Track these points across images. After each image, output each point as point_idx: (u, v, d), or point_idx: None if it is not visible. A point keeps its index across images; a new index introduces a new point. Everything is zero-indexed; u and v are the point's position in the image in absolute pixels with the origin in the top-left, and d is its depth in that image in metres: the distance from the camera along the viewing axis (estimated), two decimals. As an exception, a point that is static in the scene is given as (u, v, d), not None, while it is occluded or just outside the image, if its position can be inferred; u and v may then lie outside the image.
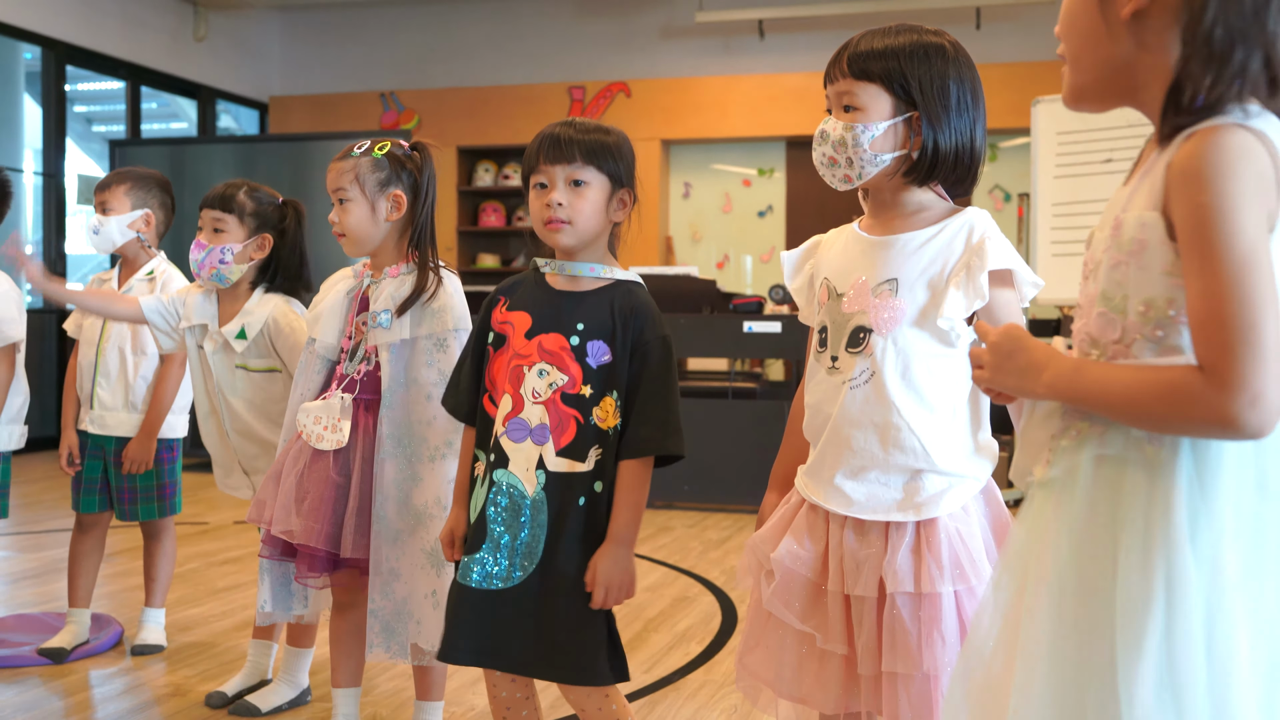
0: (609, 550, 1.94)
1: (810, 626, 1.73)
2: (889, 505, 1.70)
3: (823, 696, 1.74)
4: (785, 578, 1.75)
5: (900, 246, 1.72)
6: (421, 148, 2.51)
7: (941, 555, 1.65)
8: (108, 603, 3.86)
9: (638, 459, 1.96)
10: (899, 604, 1.65)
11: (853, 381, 1.71)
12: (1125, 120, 5.40)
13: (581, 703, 2.01)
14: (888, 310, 1.69)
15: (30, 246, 2.89)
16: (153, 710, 2.88)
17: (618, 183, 2.00)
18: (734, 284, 9.38)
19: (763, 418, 5.91)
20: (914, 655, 1.64)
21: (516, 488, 1.95)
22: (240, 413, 2.82)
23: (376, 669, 3.14)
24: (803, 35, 9.07)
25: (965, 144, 1.70)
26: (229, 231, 2.83)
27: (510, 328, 2.02)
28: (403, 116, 9.81)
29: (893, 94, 1.68)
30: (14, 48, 8.42)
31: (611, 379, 1.96)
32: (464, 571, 1.96)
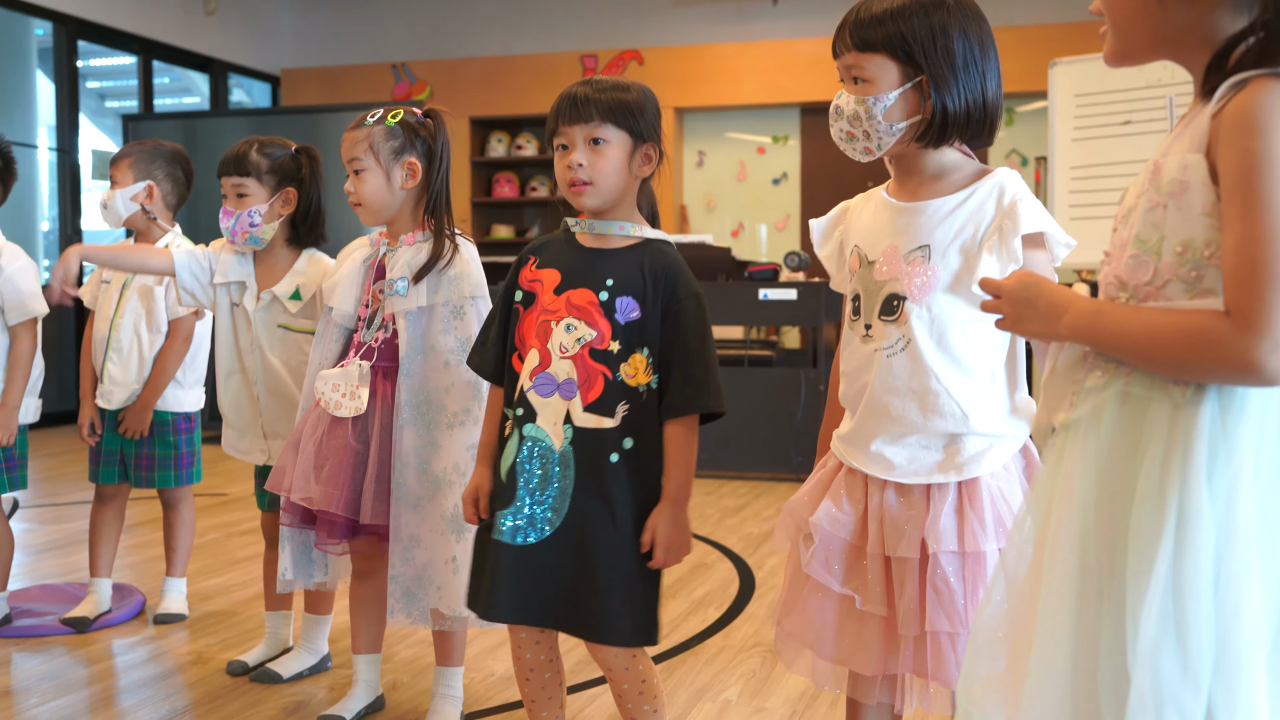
0: (665, 510, 1.93)
1: (850, 589, 1.74)
2: (930, 468, 1.70)
3: (864, 658, 1.74)
4: (825, 540, 1.75)
5: (931, 212, 1.71)
6: (434, 114, 2.50)
7: (985, 513, 1.66)
8: (129, 573, 3.88)
9: (683, 418, 1.95)
10: (943, 563, 1.65)
11: (888, 349, 1.71)
12: (1144, 81, 5.35)
13: (609, 661, 2.02)
14: (920, 277, 1.69)
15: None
16: (175, 678, 2.91)
17: (639, 138, 1.98)
18: (749, 252, 9.35)
19: (779, 385, 5.91)
20: (959, 614, 1.64)
21: (544, 442, 1.95)
22: (278, 371, 2.81)
23: (396, 635, 3.16)
24: (816, 1, 9.00)
25: (976, 99, 1.69)
26: (251, 193, 2.81)
27: (540, 285, 2.02)
28: (415, 88, 9.79)
29: (898, 61, 1.67)
30: (25, 23, 8.42)
31: (641, 336, 1.95)
32: (496, 528, 1.96)
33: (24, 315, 3.16)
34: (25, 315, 3.16)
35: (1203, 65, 1.18)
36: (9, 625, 3.25)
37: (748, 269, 6.33)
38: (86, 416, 3.31)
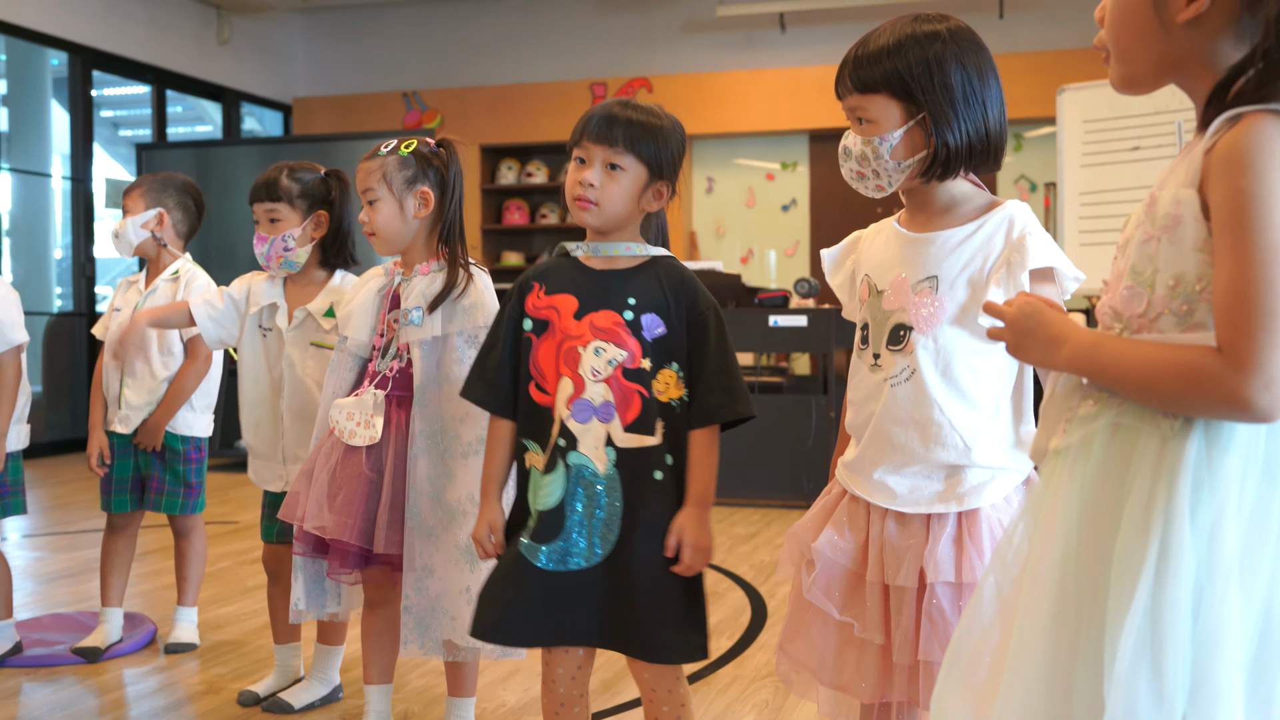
0: (690, 512, 1.94)
1: (849, 616, 1.75)
2: (930, 497, 1.71)
3: (861, 685, 1.76)
4: (825, 567, 1.77)
5: (940, 243, 1.72)
6: (447, 144, 2.52)
7: (983, 545, 1.66)
8: (140, 602, 3.88)
9: (708, 426, 1.96)
10: (939, 593, 1.66)
11: (894, 379, 1.72)
12: (1153, 107, 5.36)
13: (653, 682, 2.01)
14: (927, 308, 1.70)
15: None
16: (186, 708, 2.90)
17: (655, 174, 1.98)
18: (758, 279, 9.36)
19: (789, 412, 5.90)
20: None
21: (589, 467, 1.94)
22: (308, 390, 2.80)
23: (407, 665, 3.15)
24: (824, 28, 9.04)
25: (979, 130, 1.70)
26: (284, 218, 2.82)
27: (554, 312, 2.00)
28: (426, 116, 9.84)
29: (898, 100, 1.68)
30: (41, 54, 8.49)
31: (669, 350, 1.96)
32: (530, 553, 1.94)
33: (6, 345, 3.17)
34: (7, 345, 3.17)
35: (1207, 93, 1.19)
36: (20, 654, 3.25)
37: (758, 295, 6.33)
38: (95, 446, 3.32)
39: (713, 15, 9.22)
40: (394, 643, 2.53)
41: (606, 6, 9.57)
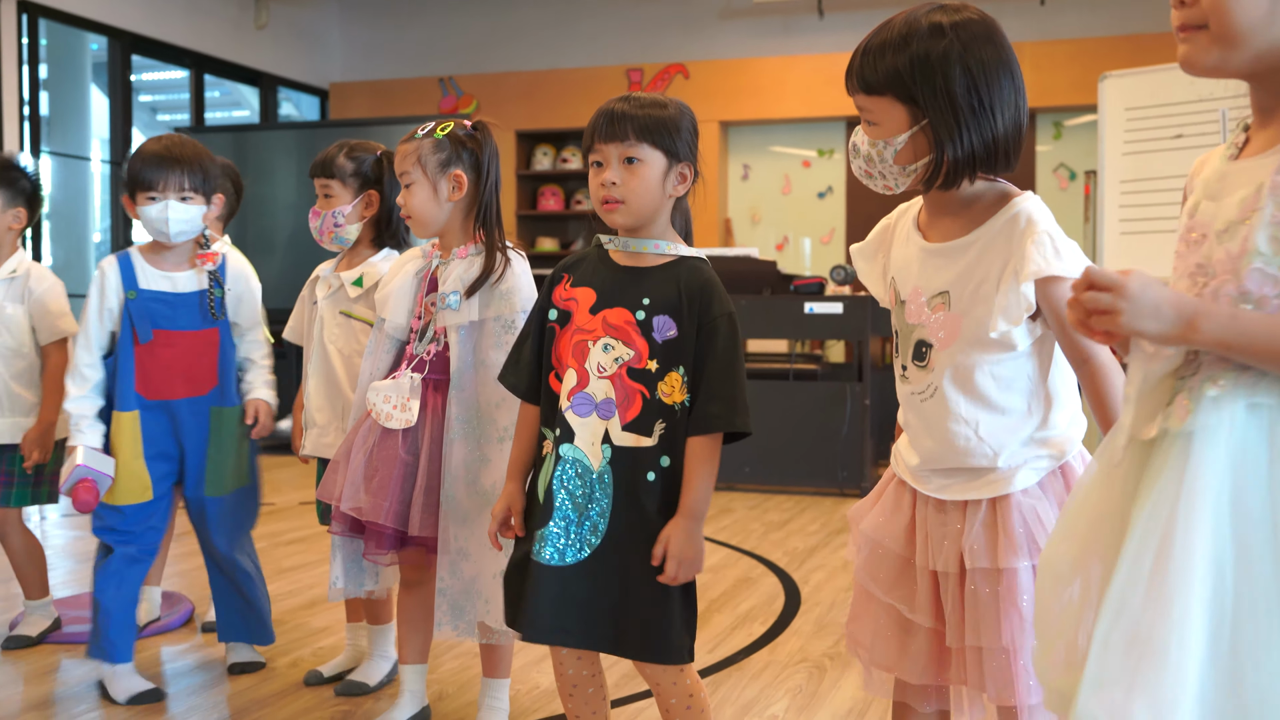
0: (679, 524, 1.92)
1: (895, 599, 1.76)
2: (964, 485, 1.71)
3: (910, 667, 1.76)
4: (872, 550, 1.79)
5: (949, 255, 1.69)
6: (481, 126, 2.51)
7: (1014, 530, 1.66)
8: (179, 581, 3.92)
9: (706, 435, 1.94)
10: (977, 579, 1.67)
11: (920, 395, 1.73)
12: (1195, 95, 5.29)
13: (656, 677, 2.01)
14: (943, 327, 1.69)
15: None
16: (223, 686, 2.93)
17: (674, 158, 1.97)
18: (793, 266, 9.32)
19: (823, 399, 5.88)
20: (994, 629, 1.65)
21: (582, 462, 1.95)
22: (330, 358, 2.83)
23: (441, 647, 3.17)
24: (862, 14, 8.97)
25: (984, 140, 1.62)
26: (336, 195, 2.87)
27: (574, 304, 2.01)
28: (461, 101, 9.85)
29: (903, 103, 1.63)
30: (81, 38, 8.56)
31: (677, 354, 1.95)
32: (536, 548, 1.95)
33: (55, 335, 3.24)
34: (56, 335, 3.24)
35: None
36: (58, 631, 3.29)
37: (793, 283, 6.30)
38: None
39: (750, 1, 9.18)
40: (429, 624, 2.55)
41: (643, -8, 9.54)
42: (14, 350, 3.20)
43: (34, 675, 3.01)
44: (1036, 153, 8.76)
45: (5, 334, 3.20)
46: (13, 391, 3.20)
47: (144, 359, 2.82)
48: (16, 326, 3.21)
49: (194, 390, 2.87)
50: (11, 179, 3.27)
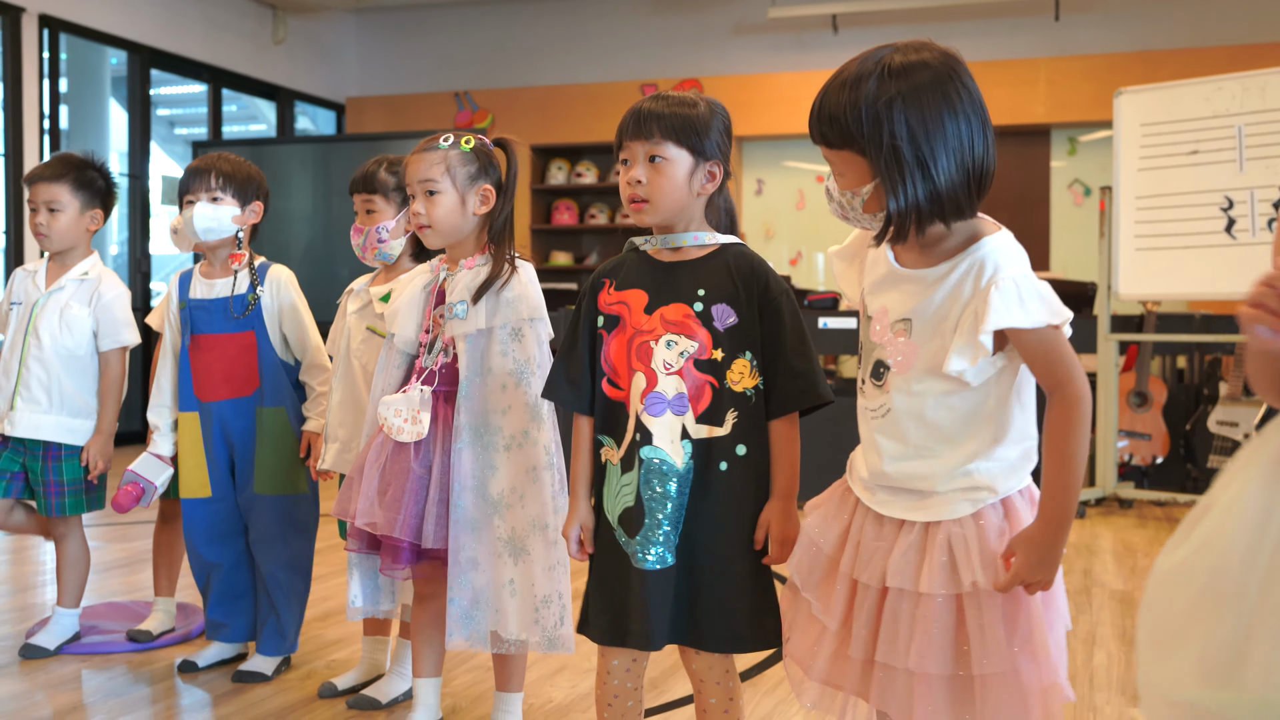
0: (777, 505, 1.96)
1: (814, 596, 1.78)
2: (903, 505, 1.71)
3: (815, 665, 1.78)
4: (806, 547, 1.81)
5: (918, 283, 1.68)
6: (505, 144, 2.52)
7: (938, 559, 1.64)
8: (194, 593, 3.93)
9: (787, 416, 1.96)
10: (896, 599, 1.67)
11: (874, 412, 1.74)
12: (1211, 111, 5.29)
13: (704, 674, 2.01)
14: (902, 351, 1.69)
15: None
16: (237, 697, 2.93)
17: (700, 156, 1.98)
18: (807, 281, 9.33)
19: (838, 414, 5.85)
20: (903, 650, 1.65)
21: (666, 461, 1.95)
22: (354, 374, 2.83)
23: (454, 660, 3.17)
24: (876, 30, 8.99)
25: (930, 191, 1.59)
26: (379, 210, 2.87)
27: (625, 307, 2.01)
28: (476, 116, 9.90)
29: (863, 155, 1.63)
30: (101, 52, 8.63)
31: (741, 340, 1.95)
32: (637, 556, 1.95)
33: (116, 343, 3.27)
34: (117, 344, 3.27)
35: None
36: (77, 642, 3.30)
37: (807, 298, 6.31)
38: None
39: (764, 17, 9.21)
40: (443, 636, 2.55)
41: (657, 7, 9.57)
42: (71, 351, 3.23)
43: (55, 684, 3.02)
44: (1051, 168, 8.75)
45: (67, 334, 3.22)
46: (65, 391, 3.22)
47: (194, 363, 3.03)
48: (79, 329, 3.23)
49: (236, 391, 3.01)
50: (89, 179, 3.31)
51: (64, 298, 3.24)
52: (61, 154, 3.41)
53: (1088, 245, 7.12)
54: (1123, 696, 3.00)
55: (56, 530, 3.31)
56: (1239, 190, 5.21)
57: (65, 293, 3.24)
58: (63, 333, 3.21)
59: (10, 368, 3.22)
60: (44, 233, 3.23)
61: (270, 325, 3.01)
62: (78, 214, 3.26)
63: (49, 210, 3.23)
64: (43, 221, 3.23)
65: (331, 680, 2.97)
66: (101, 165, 3.37)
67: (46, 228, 3.23)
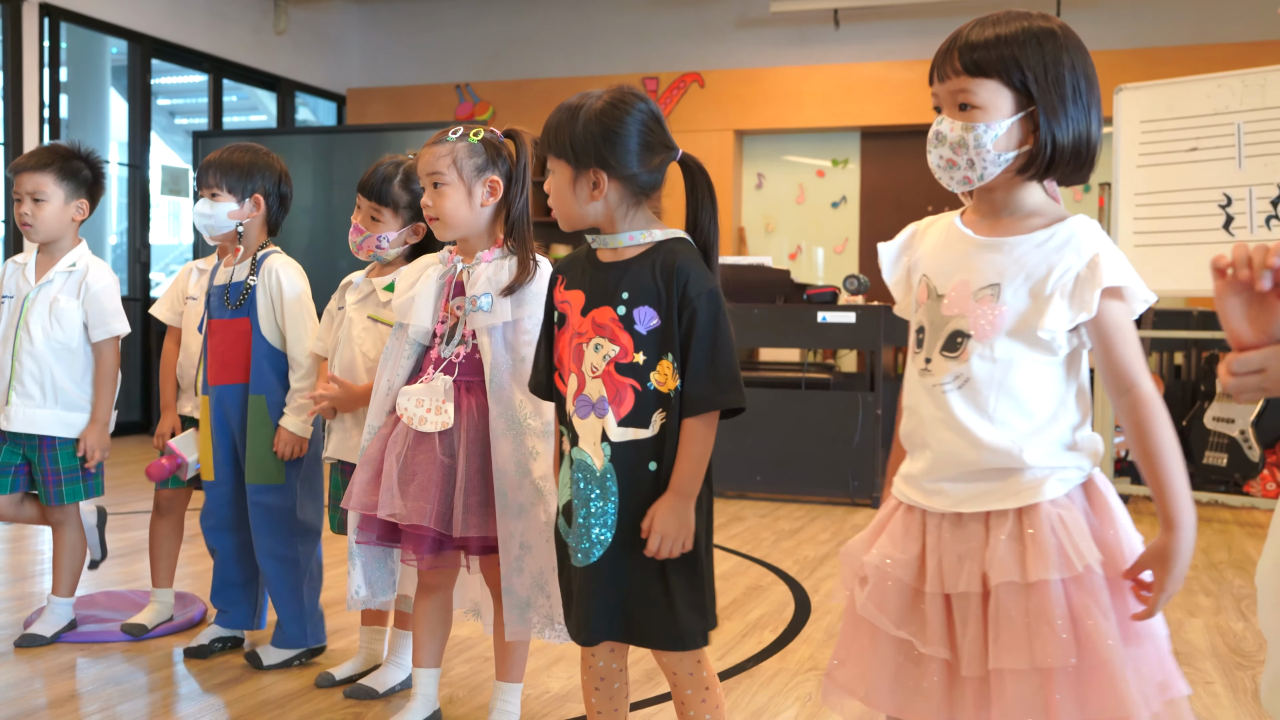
0: (666, 500, 1.94)
1: (907, 632, 1.64)
2: (985, 495, 1.63)
3: (925, 707, 1.64)
4: (879, 581, 1.67)
5: (1008, 250, 1.64)
6: (516, 135, 2.52)
7: (1045, 541, 1.57)
8: (193, 582, 3.94)
9: (697, 416, 1.95)
10: (1004, 595, 1.57)
11: (945, 385, 1.65)
12: (1211, 108, 5.29)
13: (673, 666, 2.04)
14: (988, 316, 1.63)
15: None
16: (235, 686, 2.94)
17: (576, 163, 1.99)
18: (807, 275, 9.32)
19: (836, 409, 5.88)
20: (1024, 649, 1.55)
21: (587, 463, 1.98)
22: (355, 362, 2.83)
23: (453, 650, 3.18)
24: (878, 24, 8.99)
25: (1083, 134, 1.62)
26: (385, 222, 2.84)
27: (569, 306, 2.05)
28: (478, 108, 9.89)
29: (1012, 88, 1.60)
30: (101, 42, 8.62)
31: (665, 341, 1.96)
32: (571, 552, 2.01)
33: (107, 333, 3.27)
34: (108, 333, 3.28)
35: None
36: (74, 631, 3.31)
37: (806, 292, 6.31)
38: (168, 426, 3.38)
39: (766, 11, 9.20)
40: (446, 627, 2.58)
41: (660, 1, 9.56)
42: (64, 344, 3.24)
43: (51, 672, 3.03)
44: (1051, 164, 8.75)
45: (58, 327, 3.23)
46: (59, 384, 3.23)
47: (207, 348, 3.11)
48: (70, 321, 3.24)
49: (233, 377, 3.06)
50: (74, 170, 3.29)
51: (53, 291, 3.25)
52: (48, 144, 3.41)
53: (1087, 241, 7.12)
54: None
55: (53, 518, 3.32)
56: (1238, 187, 5.21)
57: (54, 285, 3.25)
58: (53, 326, 3.22)
59: (3, 363, 3.23)
60: (29, 223, 3.24)
61: (262, 314, 3.02)
62: (63, 204, 3.26)
63: (34, 200, 3.23)
64: (27, 211, 3.23)
65: (329, 670, 2.98)
66: (89, 155, 3.35)
67: (31, 218, 3.23)
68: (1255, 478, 6.06)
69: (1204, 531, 5.21)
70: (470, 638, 3.32)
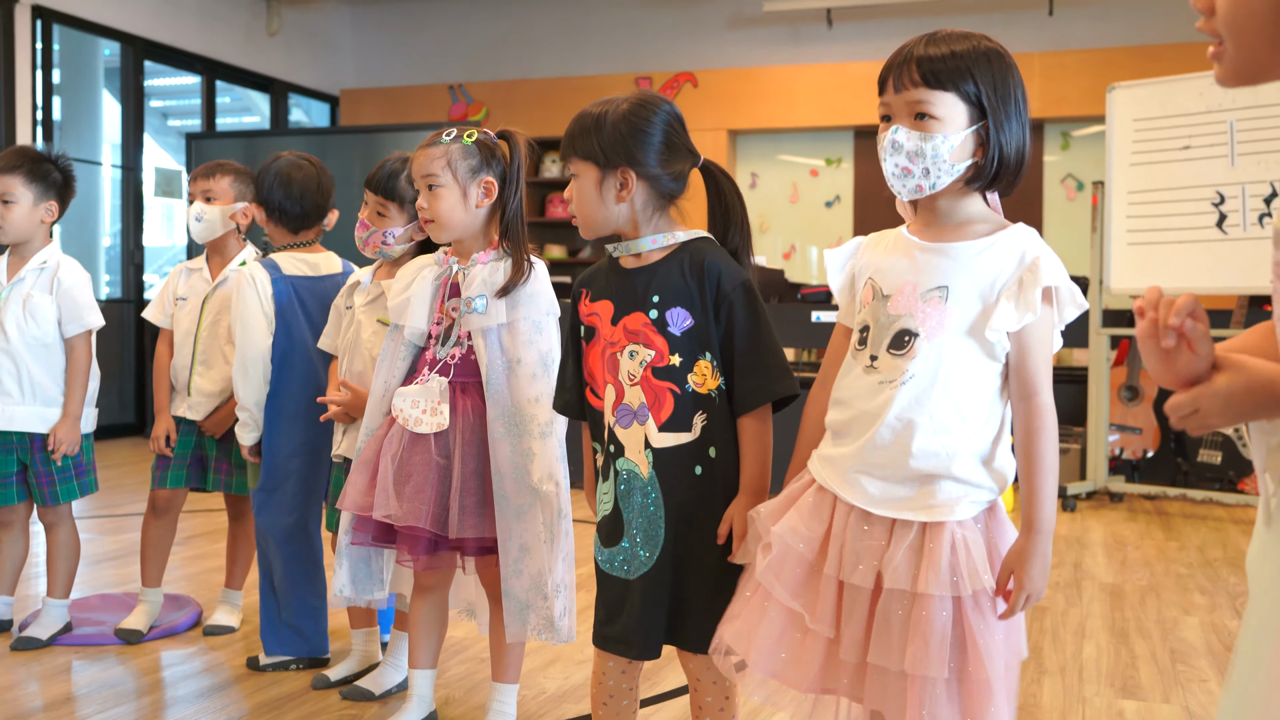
0: (743, 501, 1.94)
1: (799, 605, 1.74)
2: (900, 502, 1.70)
3: (798, 674, 1.75)
4: (781, 552, 1.76)
5: (955, 255, 1.72)
6: (509, 136, 2.52)
7: (941, 560, 1.65)
8: (187, 584, 3.94)
9: (752, 412, 1.95)
10: (892, 600, 1.66)
11: (892, 381, 1.71)
12: (1204, 106, 5.30)
13: (698, 673, 2.03)
14: (936, 316, 1.70)
15: None
16: (229, 689, 2.94)
17: (604, 166, 1.99)
18: (800, 275, 9.34)
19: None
20: (898, 653, 1.65)
21: (634, 473, 1.97)
22: (366, 368, 2.83)
23: (449, 651, 3.18)
24: (871, 23, 9.00)
25: (1023, 147, 1.72)
26: (391, 217, 2.84)
27: (597, 318, 2.04)
28: (471, 108, 9.89)
29: (967, 102, 1.68)
30: (94, 44, 8.60)
31: (700, 342, 1.95)
32: (608, 562, 2.00)
33: (81, 327, 3.29)
34: (81, 328, 3.29)
35: None
36: (69, 633, 3.31)
37: (800, 291, 6.32)
38: (163, 429, 3.38)
39: (759, 10, 9.21)
40: (442, 628, 2.58)
41: (653, 0, 9.57)
42: (39, 340, 3.25)
43: (47, 675, 3.03)
44: (1044, 163, 8.77)
45: (32, 324, 3.24)
46: (36, 381, 3.24)
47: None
48: (43, 317, 3.26)
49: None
50: (43, 172, 3.33)
51: (25, 288, 3.27)
52: (18, 146, 3.45)
53: (1080, 240, 7.13)
54: (1111, 688, 3.02)
55: (46, 519, 3.33)
56: (1231, 185, 5.22)
57: (26, 283, 3.28)
58: (28, 323, 3.24)
59: None
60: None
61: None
62: (31, 206, 3.30)
63: (3, 202, 3.27)
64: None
65: (324, 672, 2.98)
66: (59, 159, 3.40)
67: (0, 219, 3.26)
68: (1250, 475, 6.08)
69: (1199, 529, 5.22)
70: (466, 639, 3.32)
